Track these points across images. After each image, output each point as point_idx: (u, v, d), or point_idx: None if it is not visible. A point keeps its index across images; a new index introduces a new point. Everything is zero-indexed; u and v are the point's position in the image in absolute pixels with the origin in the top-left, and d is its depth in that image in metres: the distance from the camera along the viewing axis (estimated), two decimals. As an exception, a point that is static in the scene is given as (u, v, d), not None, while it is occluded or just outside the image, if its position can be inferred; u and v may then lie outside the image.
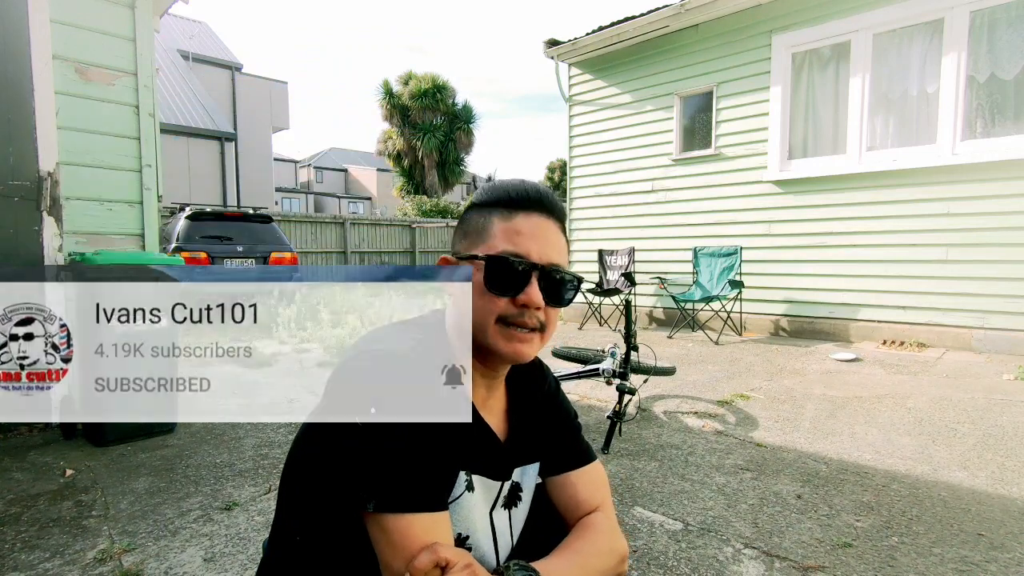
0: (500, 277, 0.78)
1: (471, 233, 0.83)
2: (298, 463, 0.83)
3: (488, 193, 0.84)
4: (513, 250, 0.78)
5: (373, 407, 0.69)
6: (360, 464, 0.70)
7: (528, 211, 0.81)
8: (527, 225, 0.80)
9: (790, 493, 2.14)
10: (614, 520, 0.94)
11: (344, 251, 13.84)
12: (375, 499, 0.68)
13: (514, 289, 0.78)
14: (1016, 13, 4.57)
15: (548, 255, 0.80)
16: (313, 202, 36.90)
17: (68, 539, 1.81)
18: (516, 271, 0.78)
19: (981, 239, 4.70)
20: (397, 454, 0.69)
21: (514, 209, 0.81)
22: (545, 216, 0.82)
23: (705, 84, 6.34)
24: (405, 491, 0.69)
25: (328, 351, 5.19)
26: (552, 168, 40.82)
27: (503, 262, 0.78)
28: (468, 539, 0.83)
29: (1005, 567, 1.63)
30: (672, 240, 6.73)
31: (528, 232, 0.80)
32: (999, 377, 3.89)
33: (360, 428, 0.69)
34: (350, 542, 0.74)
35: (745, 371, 4.25)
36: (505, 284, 0.78)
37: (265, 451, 2.62)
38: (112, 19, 3.11)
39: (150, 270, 2.77)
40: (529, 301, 0.78)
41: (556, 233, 0.83)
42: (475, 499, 0.84)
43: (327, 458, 0.74)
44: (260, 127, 21.29)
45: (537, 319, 0.80)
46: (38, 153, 2.89)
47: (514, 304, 0.78)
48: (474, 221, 0.84)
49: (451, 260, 0.84)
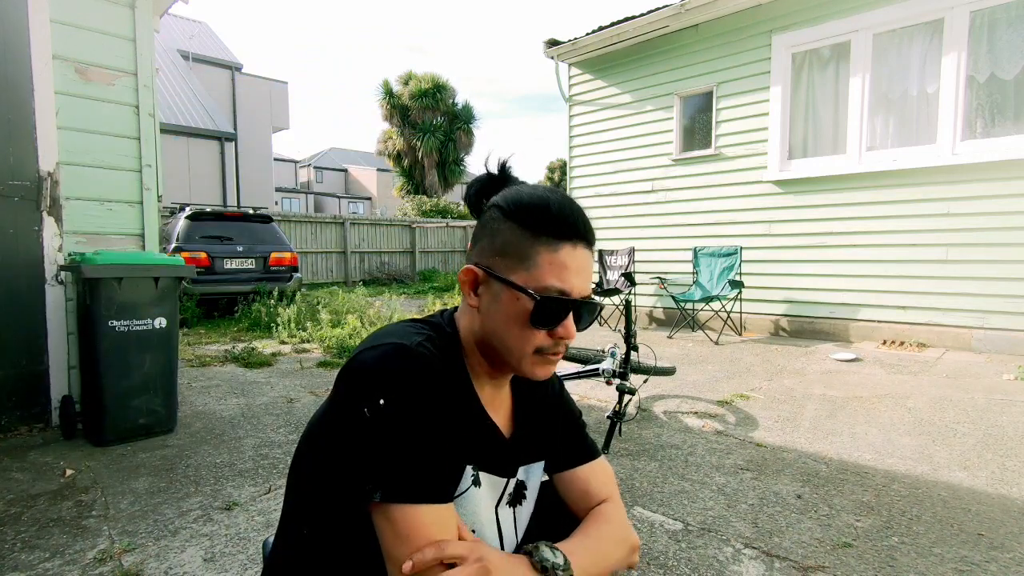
0: (547, 315, 0.78)
1: (511, 254, 0.78)
2: (306, 455, 0.84)
3: (530, 213, 0.78)
4: (559, 287, 0.78)
5: (382, 398, 0.69)
6: (367, 454, 0.70)
7: (574, 242, 0.79)
8: (573, 260, 0.79)
9: (790, 493, 2.14)
10: (624, 512, 0.95)
11: (344, 251, 13.84)
12: (382, 489, 0.68)
13: (554, 323, 0.79)
14: (1016, 13, 4.57)
15: (586, 288, 0.81)
16: (313, 202, 36.90)
17: (68, 539, 1.81)
18: (562, 308, 0.79)
19: (981, 239, 4.71)
20: (405, 445, 0.70)
21: (561, 240, 0.78)
22: (586, 247, 0.81)
23: (705, 84, 6.34)
24: (412, 482, 0.69)
25: (328, 351, 5.19)
26: (552, 168, 40.83)
27: (553, 302, 0.77)
28: (474, 534, 0.84)
29: (1005, 567, 1.63)
30: (672, 240, 6.73)
31: (574, 268, 0.79)
32: (999, 377, 3.89)
33: (368, 418, 0.69)
34: (357, 534, 0.74)
35: (745, 371, 4.25)
36: (549, 321, 0.79)
37: (265, 451, 2.62)
38: (112, 19, 3.11)
39: (150, 270, 2.77)
40: (567, 335, 0.80)
41: (591, 262, 0.84)
42: (481, 494, 0.84)
43: (335, 448, 0.75)
44: (260, 127, 21.29)
45: (566, 345, 0.83)
46: (38, 153, 2.89)
47: (551, 336, 0.80)
48: (514, 241, 0.78)
49: (477, 272, 0.81)
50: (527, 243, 0.78)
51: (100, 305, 2.63)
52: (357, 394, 0.72)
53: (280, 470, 2.39)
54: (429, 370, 0.73)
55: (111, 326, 2.66)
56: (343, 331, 5.43)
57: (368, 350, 0.75)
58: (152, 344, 2.79)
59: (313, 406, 3.37)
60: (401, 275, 14.65)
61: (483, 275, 0.81)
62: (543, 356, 0.81)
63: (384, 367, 0.72)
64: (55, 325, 2.94)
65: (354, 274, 13.93)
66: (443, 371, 0.75)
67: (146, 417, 2.79)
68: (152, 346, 2.79)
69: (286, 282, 7.82)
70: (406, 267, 15.12)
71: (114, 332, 2.67)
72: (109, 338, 2.66)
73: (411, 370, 0.72)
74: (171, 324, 2.86)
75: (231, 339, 5.89)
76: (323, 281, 13.22)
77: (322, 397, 3.58)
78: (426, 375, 0.73)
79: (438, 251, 16.16)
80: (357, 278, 13.79)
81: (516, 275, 0.78)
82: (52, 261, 2.93)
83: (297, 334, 5.85)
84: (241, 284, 7.45)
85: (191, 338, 5.92)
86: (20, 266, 2.86)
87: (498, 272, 0.79)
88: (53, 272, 2.93)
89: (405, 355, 0.73)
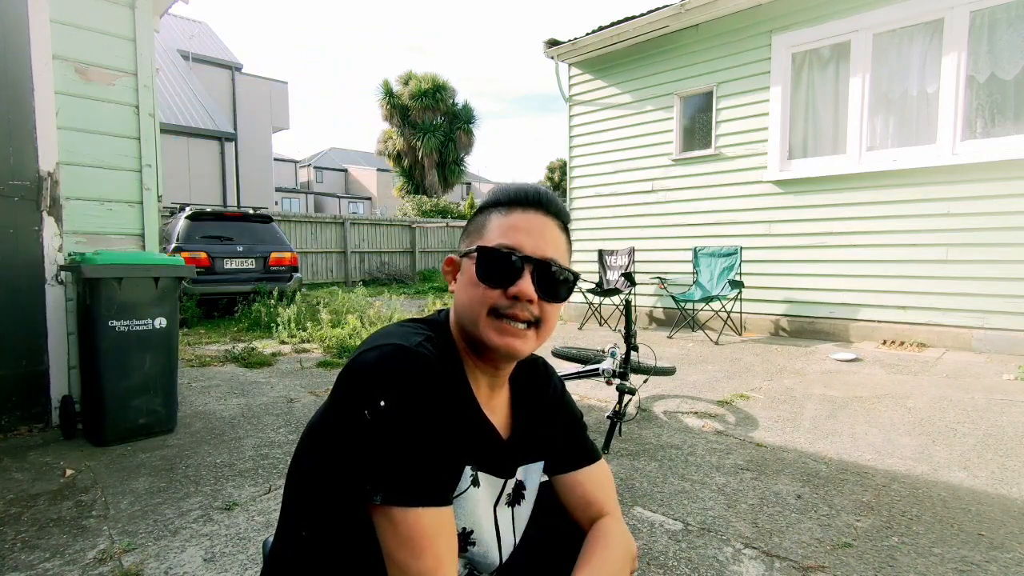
0: (492, 268, 0.79)
1: (472, 232, 0.86)
2: (306, 456, 0.83)
3: (491, 195, 0.87)
4: (506, 243, 0.80)
5: (382, 399, 0.69)
6: (368, 456, 0.70)
7: (525, 208, 0.83)
8: (523, 220, 0.82)
9: (790, 493, 2.14)
10: (623, 521, 0.96)
11: (344, 251, 13.84)
12: (383, 491, 0.68)
13: (506, 281, 0.78)
14: (1016, 13, 4.57)
15: (543, 249, 0.81)
16: (313, 202, 36.89)
17: (68, 539, 1.81)
18: (508, 262, 0.79)
19: (981, 239, 4.70)
20: (406, 447, 0.70)
21: (512, 206, 0.83)
22: (543, 213, 0.83)
23: (705, 84, 6.34)
24: (413, 485, 0.69)
25: (328, 351, 5.19)
26: (552, 168, 40.81)
27: (495, 252, 0.79)
28: (472, 534, 0.84)
29: (1005, 567, 1.63)
30: (672, 240, 6.73)
31: (524, 227, 0.81)
32: (999, 377, 3.89)
33: (369, 420, 0.69)
34: (357, 535, 0.74)
35: (745, 371, 4.25)
36: (497, 275, 0.79)
37: (265, 451, 2.62)
38: (112, 19, 3.11)
39: (150, 270, 2.77)
40: (520, 293, 0.78)
41: (554, 230, 0.84)
42: (480, 494, 0.84)
43: (335, 451, 0.74)
44: (260, 127, 21.28)
45: (529, 312, 0.80)
46: (38, 153, 2.89)
47: (506, 296, 0.79)
48: (476, 221, 0.87)
49: (455, 260, 0.87)
50: (484, 217, 0.85)
51: (100, 305, 2.63)
52: (358, 396, 0.71)
53: (280, 470, 2.39)
54: (429, 371, 0.73)
55: (111, 326, 2.66)
56: (343, 331, 5.43)
57: (368, 351, 0.75)
58: (152, 344, 2.79)
59: (313, 406, 3.37)
60: (401, 275, 14.66)
61: (457, 260, 0.86)
62: (500, 321, 0.79)
63: (384, 368, 0.72)
64: (55, 325, 2.94)
65: (354, 274, 13.93)
66: (443, 372, 0.75)
67: (146, 417, 2.79)
68: (152, 346, 2.79)
69: (286, 282, 7.81)
70: (406, 267, 15.11)
71: (114, 332, 2.67)
72: (109, 338, 2.66)
73: (411, 371, 0.72)
74: (171, 324, 2.86)
75: (231, 339, 5.89)
76: (323, 281, 13.22)
77: (322, 397, 3.58)
78: (426, 376, 0.73)
79: (438, 251, 16.16)
80: (357, 278, 13.79)
81: (473, 245, 0.82)
82: (52, 261, 2.93)
83: (297, 334, 5.85)
84: (241, 284, 7.45)
85: (191, 338, 5.92)
86: (20, 266, 2.86)
87: (462, 250, 0.85)
88: (53, 272, 2.93)
89: (405, 356, 0.73)
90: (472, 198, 24.03)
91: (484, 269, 0.79)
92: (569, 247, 0.88)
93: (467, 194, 32.39)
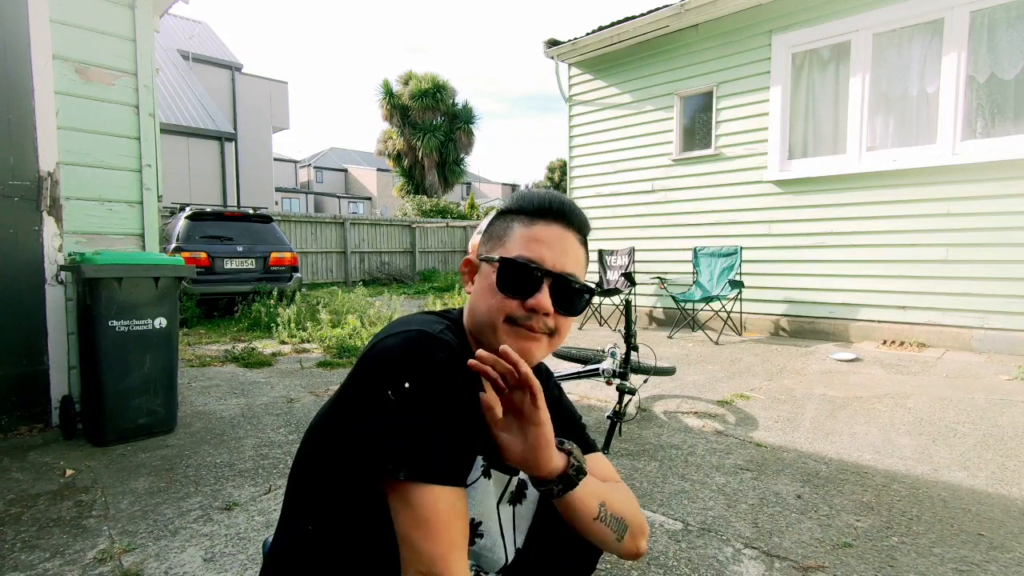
0: (512, 279, 0.80)
1: (493, 238, 0.87)
2: (315, 444, 0.84)
3: (514, 201, 0.87)
4: (528, 255, 0.80)
5: (407, 381, 0.71)
6: (392, 434, 0.71)
7: (548, 220, 0.84)
8: (545, 233, 0.83)
9: (790, 493, 2.14)
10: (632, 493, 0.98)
11: (344, 251, 13.84)
12: (406, 467, 0.69)
13: (525, 293, 0.80)
14: (1016, 13, 4.57)
15: (563, 264, 0.82)
16: (313, 202, 36.89)
17: (68, 539, 1.81)
18: (529, 275, 0.80)
19: (981, 239, 4.70)
20: (429, 426, 0.71)
21: (535, 217, 0.84)
22: (565, 227, 0.84)
23: (705, 84, 6.34)
24: (436, 462, 0.70)
25: (328, 351, 5.19)
26: (552, 168, 40.80)
27: (516, 265, 0.80)
28: (481, 525, 0.85)
29: (1005, 567, 1.63)
30: (672, 240, 6.73)
31: (546, 240, 0.82)
32: (999, 377, 3.89)
33: (393, 401, 0.71)
34: (364, 527, 0.75)
35: (745, 371, 4.25)
36: (516, 287, 0.80)
37: (265, 451, 2.62)
38: (112, 19, 3.11)
39: (150, 270, 2.76)
40: (538, 306, 0.79)
41: (574, 244, 0.85)
42: (489, 486, 0.86)
43: (353, 432, 0.75)
44: (260, 127, 21.28)
45: (545, 325, 0.82)
46: (38, 153, 2.89)
47: (523, 307, 0.80)
48: (498, 226, 0.87)
49: (473, 262, 0.88)
50: (507, 223, 0.86)
51: (100, 305, 2.63)
52: (382, 377, 0.73)
53: (280, 470, 2.39)
54: (451, 357, 0.75)
55: (111, 326, 2.66)
56: (343, 331, 5.43)
57: (391, 336, 0.77)
58: (152, 344, 2.79)
59: (313, 406, 3.37)
60: (401, 275, 14.65)
61: (475, 262, 0.87)
62: (516, 328, 0.81)
63: (409, 352, 0.74)
64: (55, 325, 2.94)
65: (354, 274, 13.93)
66: (463, 358, 0.77)
67: (146, 417, 2.79)
68: (152, 346, 2.79)
69: (286, 282, 7.81)
70: (406, 267, 15.11)
71: (114, 332, 2.67)
72: (109, 338, 2.66)
73: (435, 356, 0.74)
74: (171, 324, 2.86)
75: (231, 339, 5.89)
76: (323, 281, 13.21)
77: (322, 397, 3.58)
78: (448, 361, 0.74)
79: (438, 251, 16.16)
80: (357, 278, 13.79)
81: (495, 253, 0.83)
82: (52, 261, 2.93)
83: (297, 334, 5.85)
84: (241, 284, 7.45)
85: (191, 338, 5.92)
86: (20, 266, 2.86)
87: (482, 255, 0.86)
88: (53, 272, 2.93)
89: (428, 341, 0.75)
90: (472, 198, 24.02)
91: (504, 280, 0.80)
92: (587, 259, 0.90)
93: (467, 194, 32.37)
